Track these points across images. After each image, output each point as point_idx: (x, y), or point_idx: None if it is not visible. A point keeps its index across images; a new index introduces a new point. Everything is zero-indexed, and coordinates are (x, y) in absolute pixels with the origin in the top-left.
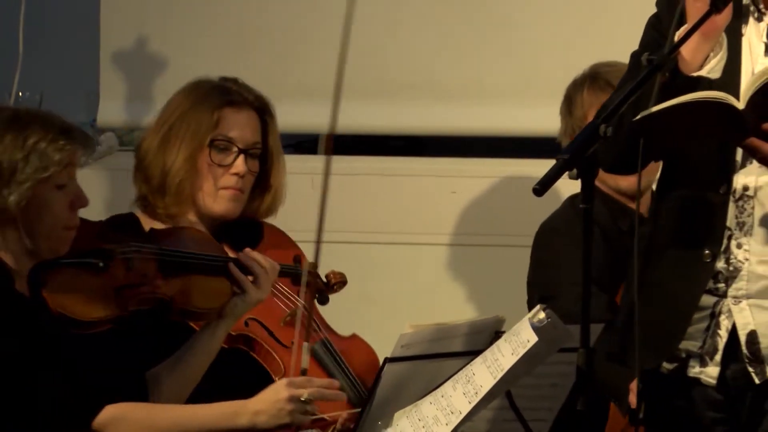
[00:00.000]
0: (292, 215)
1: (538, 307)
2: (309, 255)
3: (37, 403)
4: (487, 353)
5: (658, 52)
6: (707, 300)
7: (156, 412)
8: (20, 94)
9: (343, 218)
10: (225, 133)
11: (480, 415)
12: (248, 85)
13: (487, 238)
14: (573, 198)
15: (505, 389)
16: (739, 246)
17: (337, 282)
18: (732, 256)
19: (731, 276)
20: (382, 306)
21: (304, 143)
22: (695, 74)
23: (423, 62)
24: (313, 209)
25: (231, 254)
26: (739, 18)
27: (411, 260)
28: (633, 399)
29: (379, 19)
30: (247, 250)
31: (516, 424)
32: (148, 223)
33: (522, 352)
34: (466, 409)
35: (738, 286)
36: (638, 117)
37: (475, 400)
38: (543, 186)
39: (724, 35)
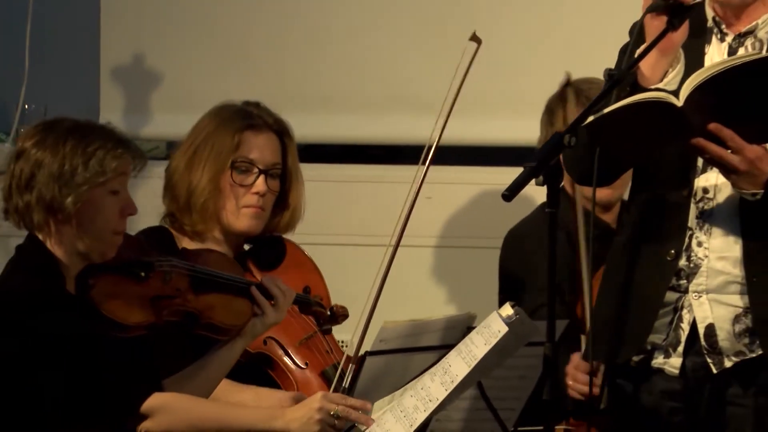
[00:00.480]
0: None
1: (507, 303)
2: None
3: (89, 386)
4: (461, 345)
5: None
6: (671, 296)
7: (201, 404)
8: (26, 106)
9: (327, 221)
10: (246, 155)
11: (454, 405)
12: (269, 109)
13: (460, 240)
14: (544, 205)
15: (477, 378)
16: (699, 244)
17: (341, 315)
18: (693, 254)
19: (692, 272)
20: (361, 303)
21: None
22: (653, 87)
23: (400, 78)
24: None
25: (255, 272)
26: (703, 37)
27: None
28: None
29: (361, 40)
30: (269, 276)
31: (487, 413)
32: (177, 239)
33: (494, 341)
34: (442, 395)
35: (698, 282)
36: (587, 121)
37: (451, 387)
38: (511, 192)
39: (681, 50)
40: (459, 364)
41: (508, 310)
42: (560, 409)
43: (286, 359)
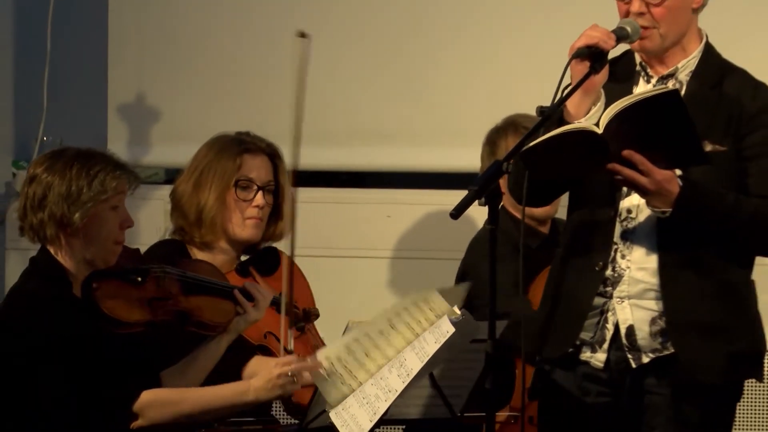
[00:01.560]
0: None
1: (454, 306)
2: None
3: (86, 386)
4: (415, 343)
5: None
6: (598, 300)
7: (183, 393)
8: (44, 138)
9: (302, 237)
10: (246, 175)
11: (410, 393)
12: (259, 136)
13: (415, 253)
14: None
15: (430, 371)
16: (622, 257)
17: (313, 314)
18: (617, 265)
19: (616, 281)
20: (330, 307)
21: None
22: (577, 122)
23: (365, 113)
24: None
25: (257, 276)
26: (632, 80)
27: (354, 270)
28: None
29: (330, 80)
30: (248, 281)
31: (437, 399)
32: (189, 249)
33: (443, 340)
34: (400, 387)
35: (621, 289)
36: (522, 150)
37: (408, 380)
38: (458, 211)
39: (602, 90)
40: (413, 359)
41: (455, 312)
42: (501, 397)
43: (282, 351)
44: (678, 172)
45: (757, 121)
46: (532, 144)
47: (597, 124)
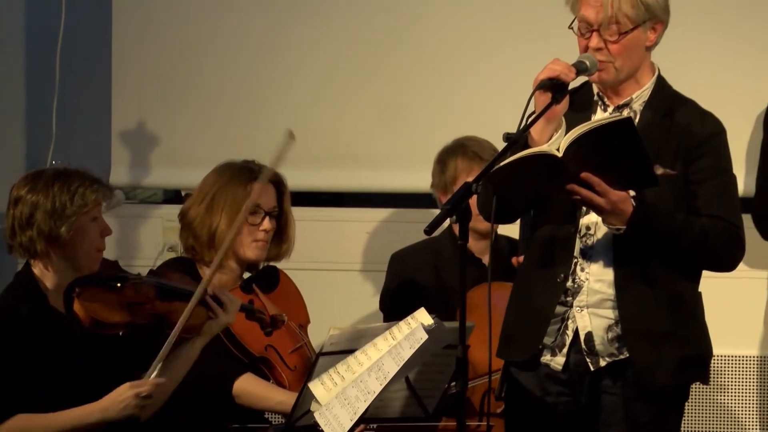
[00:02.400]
0: None
1: (426, 314)
2: None
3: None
4: (392, 348)
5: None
6: (559, 309)
7: (36, 420)
8: (53, 162)
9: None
10: (255, 201)
11: (387, 395)
12: (264, 164)
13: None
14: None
15: (405, 374)
16: (582, 269)
17: (280, 321)
18: (577, 277)
19: (576, 291)
20: (313, 316)
21: None
22: (539, 147)
23: (345, 139)
24: None
25: (259, 293)
26: (590, 109)
27: (335, 282)
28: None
29: (314, 107)
30: (218, 288)
31: (412, 400)
32: (199, 267)
33: (417, 346)
34: (378, 389)
35: (580, 299)
36: (488, 173)
37: (385, 382)
38: (431, 227)
39: (562, 118)
40: (390, 363)
41: (429, 320)
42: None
43: (281, 362)
44: (632, 193)
45: (704, 148)
46: (497, 167)
47: (558, 149)
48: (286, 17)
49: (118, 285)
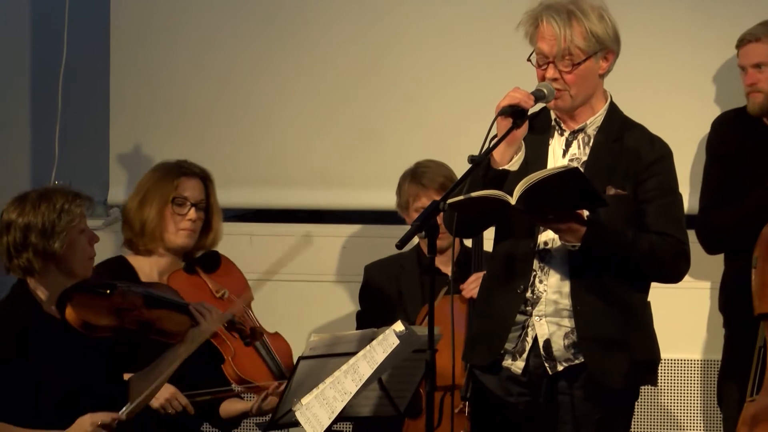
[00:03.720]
0: (235, 260)
1: (399, 322)
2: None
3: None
4: (366, 352)
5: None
6: (520, 317)
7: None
8: (56, 182)
9: (268, 263)
10: (181, 194)
11: (362, 395)
12: (194, 163)
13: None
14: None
15: (378, 376)
16: (540, 282)
17: (259, 333)
18: (536, 289)
19: (535, 302)
20: (293, 323)
21: (245, 214)
22: (501, 168)
23: (322, 161)
24: (250, 256)
25: (202, 273)
26: (547, 133)
27: (312, 292)
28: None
29: (292, 134)
30: (201, 301)
31: (385, 400)
32: (132, 260)
33: (390, 350)
34: (353, 390)
35: (539, 309)
36: (449, 202)
37: (360, 384)
38: (402, 242)
39: (522, 142)
40: (365, 366)
41: (400, 326)
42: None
43: (228, 333)
44: (586, 213)
45: (652, 170)
46: (457, 199)
47: (512, 189)
48: (268, 51)
49: (108, 292)
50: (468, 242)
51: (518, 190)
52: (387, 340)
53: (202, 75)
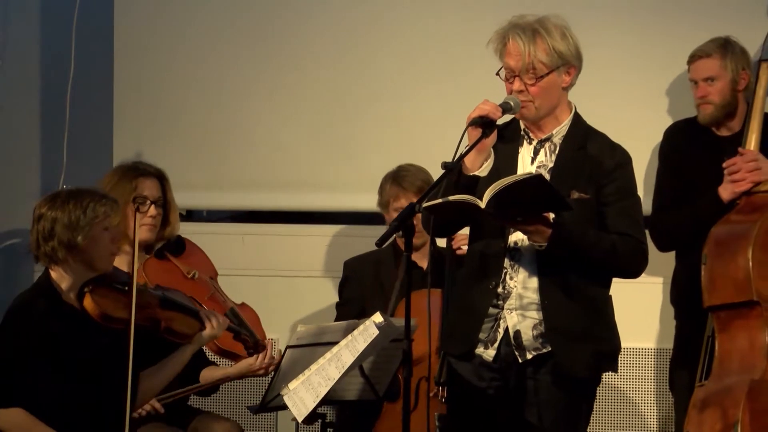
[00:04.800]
0: (227, 259)
1: (378, 313)
2: (245, 283)
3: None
4: (348, 342)
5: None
6: (492, 311)
7: (30, 423)
8: (64, 186)
9: (259, 260)
10: (141, 193)
11: (345, 381)
12: (150, 163)
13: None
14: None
15: (359, 363)
16: (510, 278)
17: (262, 346)
18: (507, 285)
19: (506, 296)
20: (279, 315)
21: (237, 216)
22: (472, 174)
23: (304, 168)
24: (241, 255)
25: (170, 256)
26: (517, 141)
27: (298, 287)
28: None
29: (282, 142)
30: (211, 310)
31: (366, 385)
32: None
33: (370, 340)
34: (336, 376)
35: (510, 303)
36: (425, 205)
37: (343, 370)
38: (382, 241)
39: (491, 150)
40: (347, 354)
41: (379, 318)
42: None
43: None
44: (552, 215)
45: (613, 175)
46: (432, 203)
47: (482, 193)
48: (257, 68)
49: (126, 288)
50: (441, 242)
51: (487, 195)
52: (367, 331)
53: (197, 89)
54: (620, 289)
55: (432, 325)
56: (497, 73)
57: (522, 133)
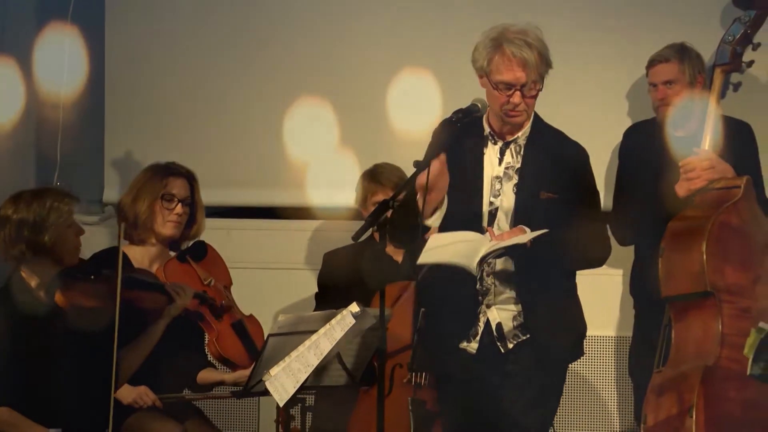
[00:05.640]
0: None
1: (354, 303)
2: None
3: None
4: (326, 330)
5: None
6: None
7: (17, 420)
8: (57, 183)
9: (244, 255)
10: (169, 191)
11: (322, 366)
12: (180, 164)
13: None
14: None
15: (337, 350)
16: (488, 275)
17: (227, 306)
18: (485, 282)
19: (485, 293)
20: (263, 304)
21: (224, 211)
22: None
23: (286, 167)
24: (227, 247)
25: (192, 262)
26: (482, 143)
27: (281, 277)
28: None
29: (270, 142)
30: (174, 283)
31: (343, 372)
32: (126, 249)
33: (347, 329)
34: (315, 363)
35: (489, 299)
36: (419, 262)
37: (321, 357)
38: (358, 235)
39: (445, 198)
40: (325, 342)
41: (355, 308)
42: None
43: (211, 315)
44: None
45: (574, 172)
46: (431, 262)
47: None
48: (245, 68)
49: (92, 277)
50: None
51: (476, 269)
52: (344, 320)
53: (185, 91)
54: (583, 281)
55: (405, 314)
56: (485, 78)
57: (486, 134)
